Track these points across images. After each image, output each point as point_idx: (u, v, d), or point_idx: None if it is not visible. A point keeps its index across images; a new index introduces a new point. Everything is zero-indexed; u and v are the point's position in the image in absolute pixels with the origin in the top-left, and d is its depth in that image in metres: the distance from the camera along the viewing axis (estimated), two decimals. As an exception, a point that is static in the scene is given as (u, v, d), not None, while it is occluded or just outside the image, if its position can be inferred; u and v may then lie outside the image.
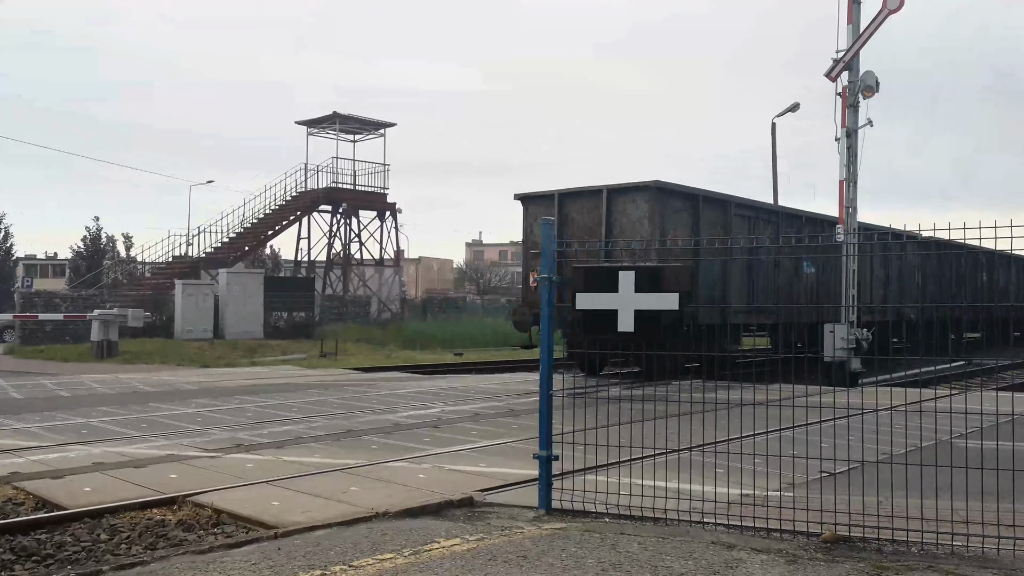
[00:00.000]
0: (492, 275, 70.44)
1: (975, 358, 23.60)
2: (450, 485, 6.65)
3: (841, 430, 8.05)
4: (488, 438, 9.39)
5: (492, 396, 14.03)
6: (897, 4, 18.91)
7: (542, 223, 5.46)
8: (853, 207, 19.66)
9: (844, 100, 19.51)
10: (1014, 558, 4.68)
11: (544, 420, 5.60)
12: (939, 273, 27.62)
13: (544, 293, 5.45)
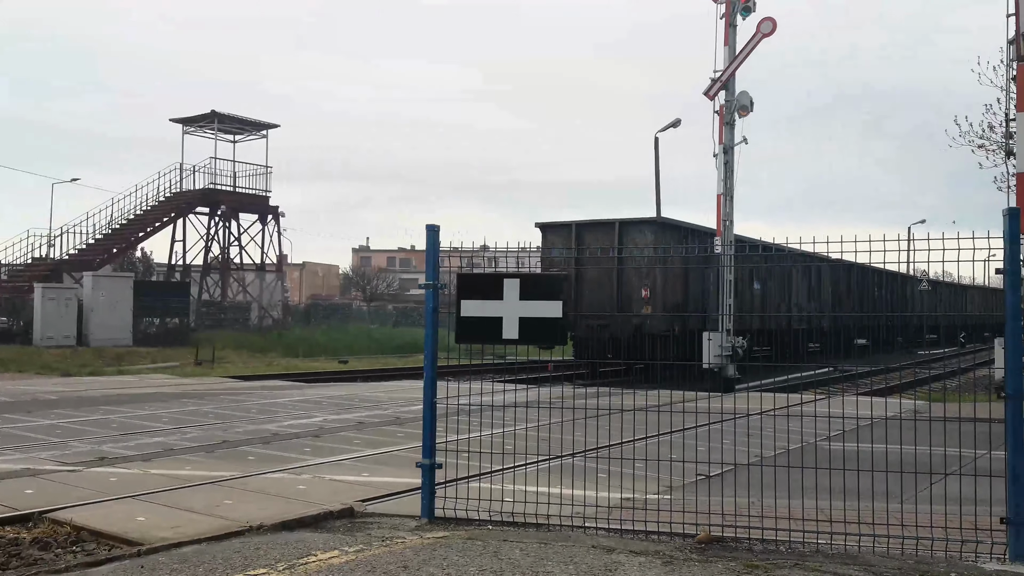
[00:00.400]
0: (380, 281, 69.52)
1: (839, 365, 25.11)
2: (330, 496, 6.46)
3: (717, 434, 8.35)
4: (372, 447, 9.21)
5: (377, 404, 13.79)
6: (770, 28, 19.95)
7: (427, 230, 5.41)
8: (730, 220, 20.54)
9: (721, 118, 20.40)
10: (874, 554, 4.96)
11: (427, 428, 5.53)
12: (810, 285, 29.61)
13: (428, 300, 5.39)
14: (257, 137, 40.08)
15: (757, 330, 24.00)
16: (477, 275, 5.66)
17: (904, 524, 5.15)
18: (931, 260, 5.17)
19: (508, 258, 6.11)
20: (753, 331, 23.56)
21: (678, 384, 8.13)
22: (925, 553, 4.93)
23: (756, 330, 23.86)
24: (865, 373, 23.06)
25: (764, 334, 24.97)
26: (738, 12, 20.03)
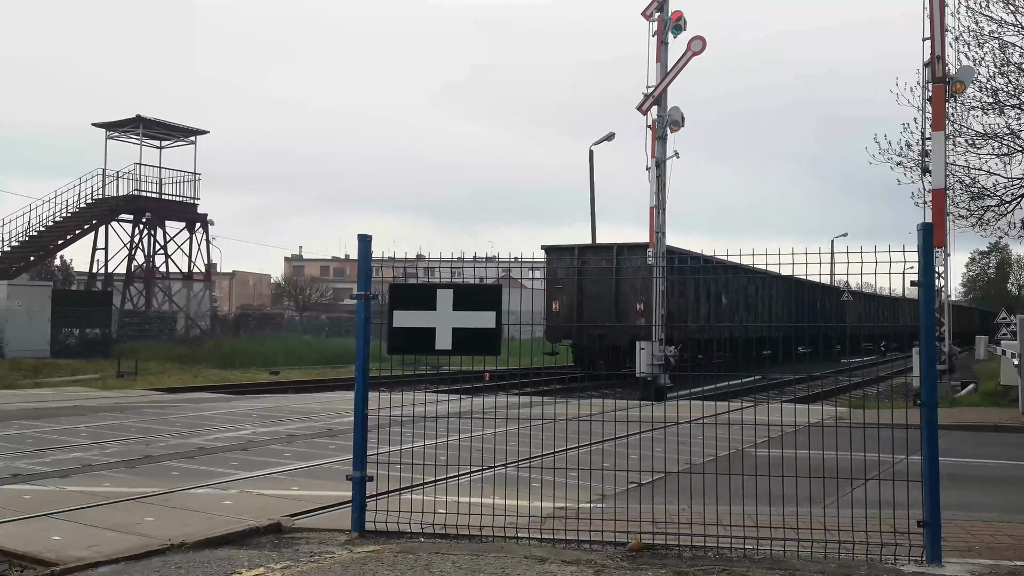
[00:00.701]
0: (313, 291, 68.41)
1: (768, 373, 25.79)
2: (258, 511, 6.31)
3: (650, 442, 8.47)
4: (303, 460, 9.03)
5: (309, 416, 13.55)
6: (700, 47, 20.46)
7: (359, 239, 5.34)
8: (662, 232, 20.93)
9: (654, 132, 20.80)
10: (798, 559, 5.08)
11: (358, 440, 5.45)
12: (742, 295, 30.63)
13: (360, 311, 5.32)
14: (185, 143, 39.01)
15: (697, 340, 24.70)
16: (410, 285, 5.62)
17: (827, 528, 5.30)
18: (851, 272, 5.35)
19: (442, 268, 6.09)
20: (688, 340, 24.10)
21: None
22: (847, 557, 5.08)
23: (697, 339, 24.60)
24: (791, 381, 23.75)
25: (700, 343, 25.88)
26: (669, 30, 20.49)
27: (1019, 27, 22.40)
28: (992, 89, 22.89)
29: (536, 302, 26.24)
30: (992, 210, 24.10)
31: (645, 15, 20.64)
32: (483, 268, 6.58)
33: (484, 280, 7.06)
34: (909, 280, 5.11)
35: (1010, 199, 23.87)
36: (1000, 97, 22.86)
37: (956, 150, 23.05)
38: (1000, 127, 23.15)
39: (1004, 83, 22.82)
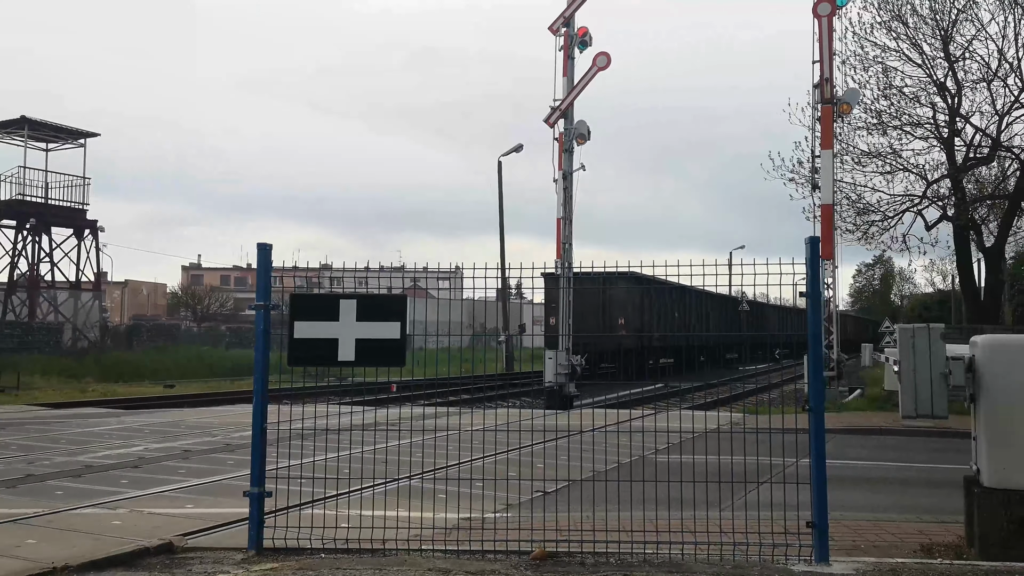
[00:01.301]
0: (212, 301, 66.11)
1: (670, 381, 26.49)
2: (149, 531, 6.03)
3: (557, 450, 8.54)
4: (199, 476, 8.70)
5: (207, 430, 13.07)
6: (605, 63, 20.93)
7: (258, 248, 5.20)
8: (569, 243, 21.23)
9: (561, 145, 21.12)
10: (695, 561, 5.22)
11: (256, 455, 5.29)
12: (642, 305, 31.88)
13: (259, 322, 5.18)
14: (74, 146, 37.03)
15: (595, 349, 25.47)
16: (311, 296, 5.51)
17: (723, 531, 5.47)
18: (745, 284, 5.55)
19: (345, 278, 5.99)
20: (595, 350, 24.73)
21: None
22: (742, 558, 5.25)
23: (595, 350, 25.36)
24: (691, 388, 24.46)
25: (608, 353, 27.58)
26: (575, 45, 20.88)
27: (900, 53, 23.93)
28: (876, 111, 24.37)
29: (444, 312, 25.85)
30: (876, 225, 25.59)
31: (552, 30, 20.96)
32: (392, 278, 6.52)
33: (392, 290, 6.99)
34: (799, 291, 5.34)
35: (893, 214, 25.41)
36: (883, 118, 24.36)
37: (843, 168, 24.40)
38: (883, 147, 24.68)
39: (887, 105, 24.35)
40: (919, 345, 5.10)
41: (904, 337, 5.13)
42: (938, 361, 5.07)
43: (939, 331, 5.11)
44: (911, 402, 5.15)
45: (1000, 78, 23.13)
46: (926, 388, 5.08)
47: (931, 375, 5.07)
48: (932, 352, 5.06)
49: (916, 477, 10.35)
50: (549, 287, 25.61)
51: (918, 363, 5.10)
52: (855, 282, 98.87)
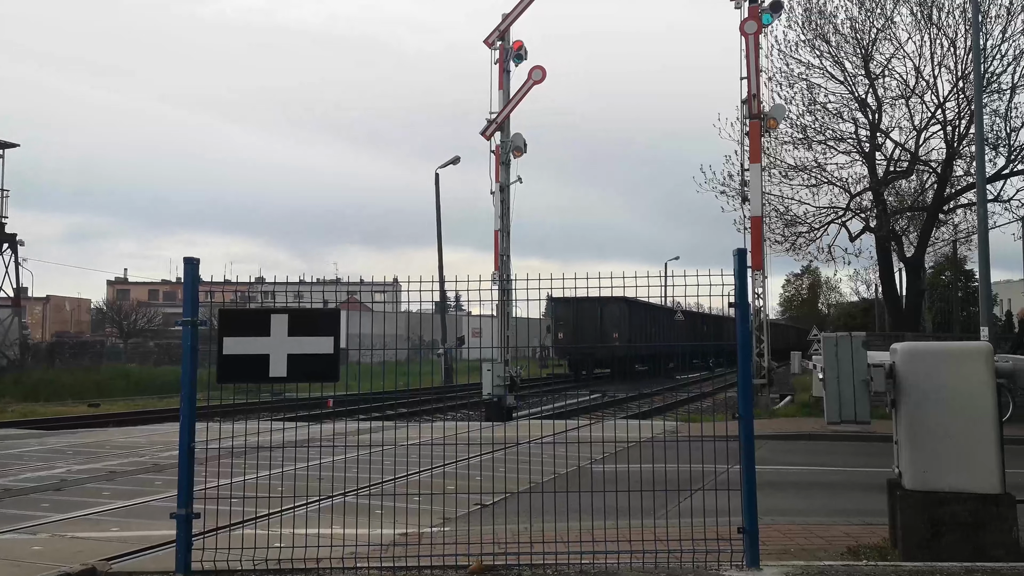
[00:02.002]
0: (140, 316, 64.04)
1: (608, 391, 26.78)
2: (71, 556, 5.80)
3: (496, 463, 8.52)
4: (124, 498, 8.41)
5: (134, 450, 12.65)
6: (541, 76, 21.12)
7: (185, 263, 5.08)
8: (507, 255, 21.31)
9: (497, 158, 21.21)
10: (631, 570, 5.27)
11: (184, 475, 5.14)
12: (579, 318, 34.35)
13: (186, 338, 5.05)
14: (-9, 156, 35.62)
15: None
16: (241, 311, 5.40)
17: (658, 539, 5.53)
18: (677, 295, 5.66)
19: (276, 292, 5.88)
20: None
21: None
22: (676, 565, 5.33)
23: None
24: (630, 398, 24.78)
25: (601, 360, 34.67)
26: (511, 59, 21.03)
27: (824, 70, 24.78)
28: (801, 126, 25.17)
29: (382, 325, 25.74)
30: (803, 236, 26.39)
31: (487, 43, 21.08)
32: (327, 292, 6.43)
33: (328, 304, 6.90)
34: (728, 301, 5.47)
35: (818, 226, 26.23)
36: (808, 133, 25.18)
37: (772, 181, 25.11)
38: (809, 161, 25.49)
39: (812, 120, 25.16)
40: (842, 354, 5.28)
41: (828, 346, 5.30)
42: (860, 369, 5.25)
43: (860, 340, 5.30)
44: (835, 408, 5.32)
45: (917, 95, 24.15)
46: (849, 394, 5.26)
47: (853, 382, 5.25)
48: (854, 360, 5.25)
49: (844, 480, 10.66)
50: (557, 310, 34.45)
51: (841, 371, 5.28)
52: (784, 291, 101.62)
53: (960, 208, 26.56)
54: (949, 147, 24.10)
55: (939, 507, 5.37)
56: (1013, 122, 22.92)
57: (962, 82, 23.11)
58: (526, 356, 25.49)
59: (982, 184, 16.80)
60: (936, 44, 23.36)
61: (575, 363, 33.21)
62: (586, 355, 33.08)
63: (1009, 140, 23.05)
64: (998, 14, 22.25)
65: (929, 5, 23.15)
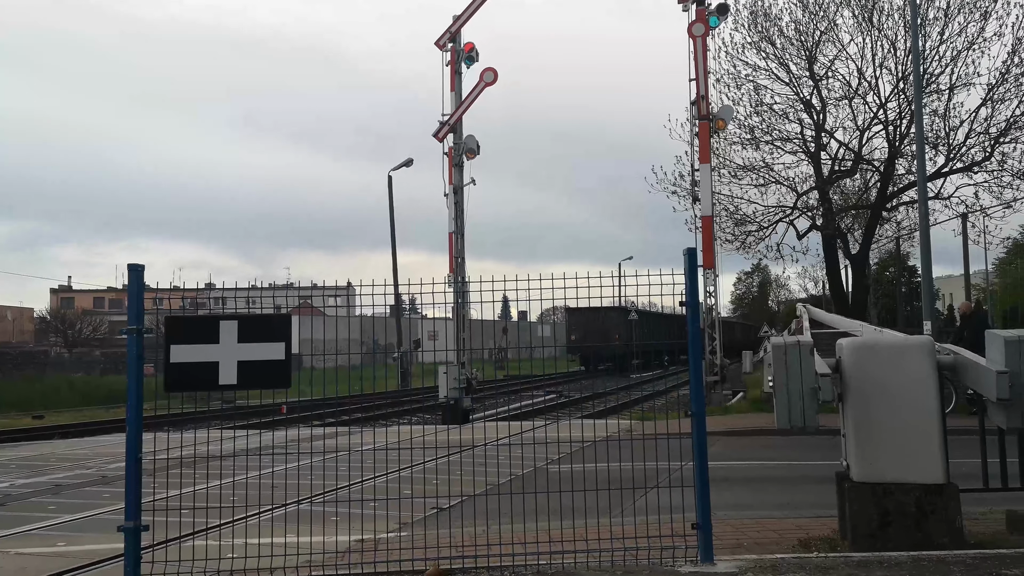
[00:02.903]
0: (85, 325, 62.42)
1: (564, 391, 26.90)
2: (15, 572, 5.63)
3: (454, 465, 8.49)
4: (71, 512, 8.18)
5: (80, 462, 12.31)
6: (493, 78, 21.15)
7: (129, 270, 4.96)
8: (462, 257, 21.28)
9: (451, 160, 21.17)
10: (588, 569, 5.30)
11: (131, 487, 5.02)
12: (588, 323, 41.86)
13: (131, 347, 4.92)
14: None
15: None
16: (189, 318, 5.29)
17: (614, 537, 5.57)
18: (629, 295, 5.71)
19: (230, 299, 5.78)
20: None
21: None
22: (632, 563, 5.37)
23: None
24: (586, 398, 24.93)
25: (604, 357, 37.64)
26: (462, 61, 21.02)
27: (770, 72, 25.25)
28: (749, 127, 25.60)
29: (335, 330, 25.53)
30: (753, 235, 26.85)
31: (439, 45, 21.03)
32: (278, 297, 6.34)
33: (281, 309, 6.81)
34: (678, 301, 5.54)
35: (767, 225, 26.72)
36: (756, 134, 25.62)
37: (721, 181, 25.50)
38: (757, 161, 25.94)
39: (759, 121, 25.61)
40: (791, 362, 5.40)
41: (777, 354, 5.41)
42: (808, 377, 5.39)
43: (808, 347, 5.41)
44: (784, 415, 5.45)
45: (860, 95, 24.73)
46: (798, 402, 5.39)
47: (802, 390, 5.38)
48: (803, 369, 5.38)
49: (795, 474, 10.87)
50: (571, 317, 44.08)
51: (790, 379, 5.40)
52: (736, 289, 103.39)
53: (903, 206, 27.31)
54: (891, 146, 24.75)
55: (886, 498, 5.51)
56: (952, 122, 23.62)
57: (903, 83, 23.75)
58: (482, 358, 25.43)
59: (923, 182, 17.29)
60: (877, 46, 23.98)
61: (584, 359, 39.23)
62: (591, 352, 38.92)
63: (948, 139, 23.74)
64: (936, 16, 22.91)
65: (870, 8, 23.74)
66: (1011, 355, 5.31)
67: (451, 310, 20.06)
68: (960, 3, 22.68)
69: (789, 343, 5.40)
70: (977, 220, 24.17)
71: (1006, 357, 5.34)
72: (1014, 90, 22.47)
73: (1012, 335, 5.43)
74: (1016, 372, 5.26)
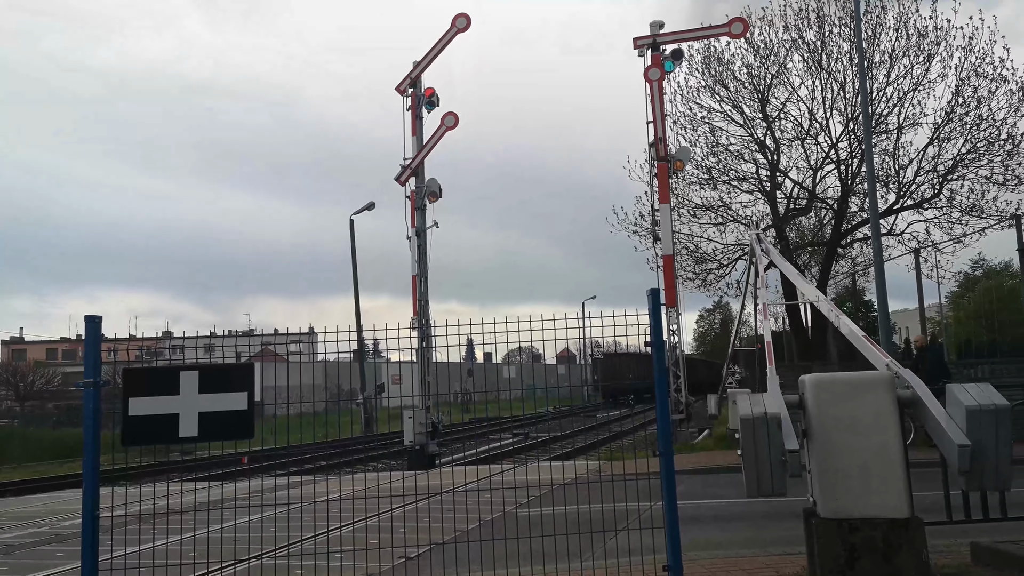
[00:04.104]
0: (37, 377, 60.66)
1: (532, 432, 26.77)
2: (-39, 643, 5.37)
3: (421, 512, 8.35)
4: (22, 573, 7.86)
5: (32, 520, 11.88)
6: (454, 122, 21.34)
7: (86, 321, 4.85)
8: (425, 300, 21.20)
9: (413, 203, 21.20)
10: (558, 615, 5.22)
11: (88, 545, 4.84)
12: (610, 367, 49.09)
13: (88, 400, 4.80)
14: None
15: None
16: (147, 369, 5.17)
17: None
18: (591, 335, 5.73)
19: (189, 348, 5.67)
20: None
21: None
22: (604, 607, 5.31)
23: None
24: (554, 439, 24.82)
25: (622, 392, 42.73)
26: (423, 105, 21.21)
27: (724, 114, 25.90)
28: (706, 167, 26.18)
29: (298, 376, 25.39)
30: (713, 272, 27.28)
31: (399, 90, 21.22)
32: (240, 345, 6.23)
33: (242, 356, 6.69)
34: (643, 341, 5.57)
35: (727, 262, 27.17)
36: (713, 174, 26.19)
37: (681, 220, 25.94)
38: (715, 200, 26.47)
39: (715, 162, 26.21)
40: (759, 437, 5.46)
41: (745, 427, 5.45)
42: (776, 449, 5.46)
43: (777, 421, 5.47)
44: (754, 485, 5.51)
45: (812, 136, 25.46)
46: (767, 472, 5.46)
47: (771, 461, 5.44)
48: (771, 443, 5.45)
49: (763, 511, 10.87)
50: (599, 362, 55.14)
51: (759, 452, 5.46)
52: (698, 327, 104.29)
53: (857, 242, 27.98)
54: (843, 185, 25.43)
55: (852, 534, 5.53)
56: (901, 160, 24.39)
57: (852, 123, 24.50)
58: (448, 401, 25.23)
59: (875, 219, 17.74)
60: (827, 88, 24.77)
61: (606, 393, 48.18)
62: (610, 390, 47.94)
63: (898, 177, 24.48)
64: (882, 59, 23.77)
65: (819, 52, 24.56)
66: (972, 426, 5.30)
67: (415, 354, 19.91)
68: (905, 47, 23.59)
69: (757, 417, 5.44)
70: (929, 255, 24.84)
71: (967, 427, 5.32)
72: (959, 129, 23.34)
73: (973, 402, 5.37)
74: (977, 444, 5.29)
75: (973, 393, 5.50)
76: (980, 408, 5.32)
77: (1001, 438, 5.29)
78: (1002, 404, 5.31)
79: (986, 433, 5.28)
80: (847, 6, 23.49)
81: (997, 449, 5.28)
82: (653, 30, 20.87)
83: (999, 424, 5.28)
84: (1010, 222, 22.43)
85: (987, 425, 5.28)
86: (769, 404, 5.52)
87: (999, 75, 22.81)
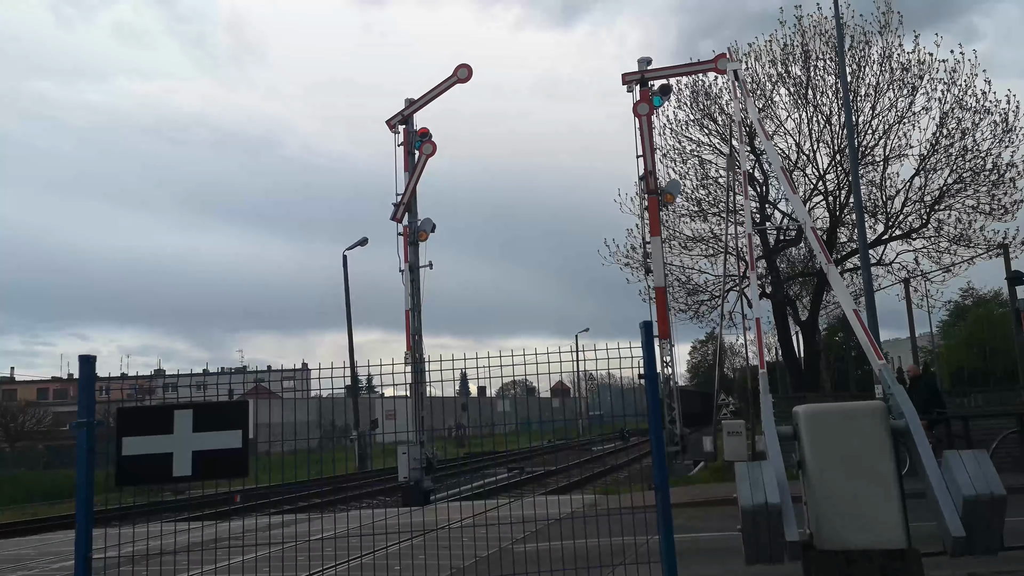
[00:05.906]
0: (28, 417, 60.05)
1: (527, 467, 26.63)
2: None
3: (416, 550, 8.28)
4: (11, 619, 7.75)
5: (22, 563, 11.71)
6: (432, 150, 21.51)
7: (80, 361, 4.86)
8: (419, 334, 21.19)
9: (406, 239, 21.31)
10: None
11: (81, 589, 4.80)
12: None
13: (82, 441, 4.78)
14: None
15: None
16: (141, 408, 5.17)
17: (583, 619, 5.47)
18: (585, 368, 5.77)
19: (182, 386, 5.67)
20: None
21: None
22: (602, 644, 5.26)
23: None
24: (549, 473, 24.69)
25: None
26: (415, 143, 21.43)
27: (713, 147, 26.19)
28: (696, 199, 26.39)
29: (292, 412, 25.19)
30: (705, 304, 27.38)
31: (390, 126, 21.45)
32: (234, 382, 6.23)
33: (235, 394, 6.67)
34: (637, 373, 5.60)
35: (719, 294, 27.29)
36: (703, 206, 26.41)
37: (672, 252, 26.09)
38: (705, 232, 26.66)
39: (705, 194, 26.44)
40: (759, 527, 5.48)
41: (747, 517, 5.46)
42: (777, 538, 5.48)
43: (777, 512, 5.48)
44: (753, 552, 5.52)
45: (799, 168, 25.73)
46: (766, 550, 5.48)
47: (771, 544, 5.46)
48: (771, 532, 5.48)
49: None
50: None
51: (759, 537, 5.49)
52: (692, 358, 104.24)
53: (847, 272, 28.18)
54: (832, 216, 25.66)
55: (850, 566, 5.52)
56: (888, 191, 24.66)
57: (839, 155, 24.80)
58: (442, 436, 25.10)
59: (864, 250, 17.89)
60: (813, 121, 25.10)
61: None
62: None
63: (886, 208, 24.73)
64: (867, 92, 24.14)
65: (805, 86, 24.94)
66: (968, 512, 5.21)
67: (409, 388, 19.85)
68: (889, 80, 23.98)
69: (758, 508, 5.39)
70: (919, 284, 25.01)
71: (963, 514, 5.22)
72: (945, 160, 23.66)
73: (971, 491, 5.23)
74: (970, 530, 5.21)
75: (971, 473, 5.36)
76: (977, 499, 5.20)
77: (995, 526, 5.25)
78: (999, 494, 5.21)
79: (980, 519, 5.23)
80: (832, 41, 23.92)
81: (989, 533, 5.25)
82: (641, 66, 21.18)
83: (994, 513, 5.23)
84: (998, 251, 22.69)
85: (982, 514, 5.22)
86: (769, 487, 5.43)
87: (982, 107, 23.20)
